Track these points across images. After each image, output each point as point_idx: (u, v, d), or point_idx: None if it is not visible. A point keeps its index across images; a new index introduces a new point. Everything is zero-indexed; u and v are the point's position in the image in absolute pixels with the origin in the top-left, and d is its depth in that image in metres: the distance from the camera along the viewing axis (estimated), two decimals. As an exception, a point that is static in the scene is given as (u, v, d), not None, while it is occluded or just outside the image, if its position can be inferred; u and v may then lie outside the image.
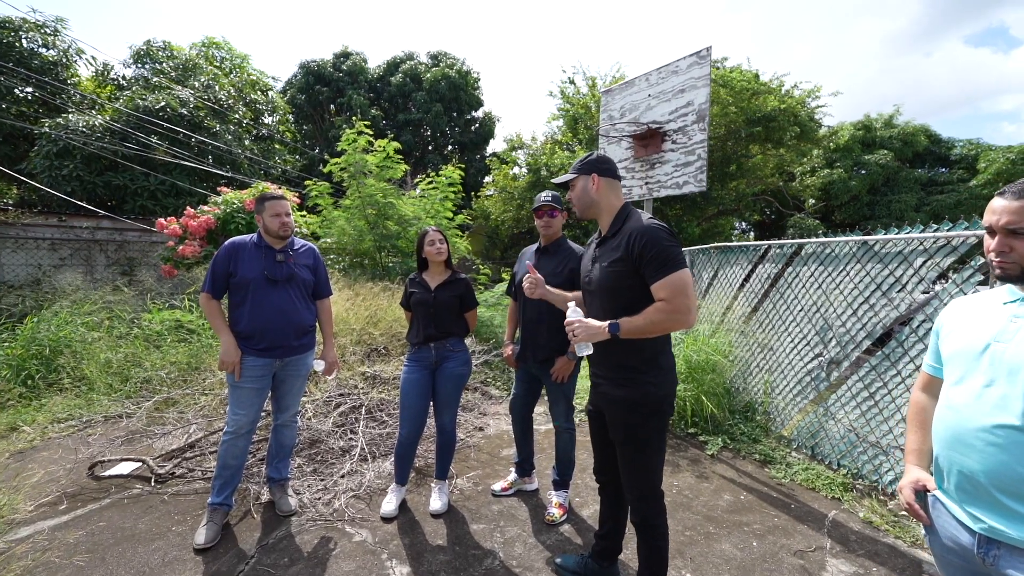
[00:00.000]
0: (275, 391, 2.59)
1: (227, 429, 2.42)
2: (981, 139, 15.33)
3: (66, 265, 7.53)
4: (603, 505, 2.07)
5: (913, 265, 2.91)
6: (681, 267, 1.57)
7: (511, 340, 2.80)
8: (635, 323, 1.59)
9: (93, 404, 4.04)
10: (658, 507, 1.78)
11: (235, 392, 2.41)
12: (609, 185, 1.79)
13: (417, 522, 2.56)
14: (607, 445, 1.91)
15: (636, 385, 1.70)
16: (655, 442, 1.73)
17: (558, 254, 2.54)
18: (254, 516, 2.58)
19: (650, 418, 1.70)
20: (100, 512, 2.58)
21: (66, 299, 5.39)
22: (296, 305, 2.48)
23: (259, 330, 2.38)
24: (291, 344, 2.47)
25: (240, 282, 2.38)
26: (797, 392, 3.68)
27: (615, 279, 1.69)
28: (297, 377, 2.60)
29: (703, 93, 3.98)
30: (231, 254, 2.40)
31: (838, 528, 2.65)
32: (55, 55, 9.86)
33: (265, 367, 2.43)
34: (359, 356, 4.17)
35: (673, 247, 1.59)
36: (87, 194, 8.71)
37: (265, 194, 2.51)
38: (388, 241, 7.19)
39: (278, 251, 2.48)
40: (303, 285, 2.55)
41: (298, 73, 20.07)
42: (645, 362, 1.69)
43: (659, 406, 1.70)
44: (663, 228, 1.62)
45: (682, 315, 1.56)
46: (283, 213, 2.46)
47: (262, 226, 2.47)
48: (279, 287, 2.44)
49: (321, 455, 3.16)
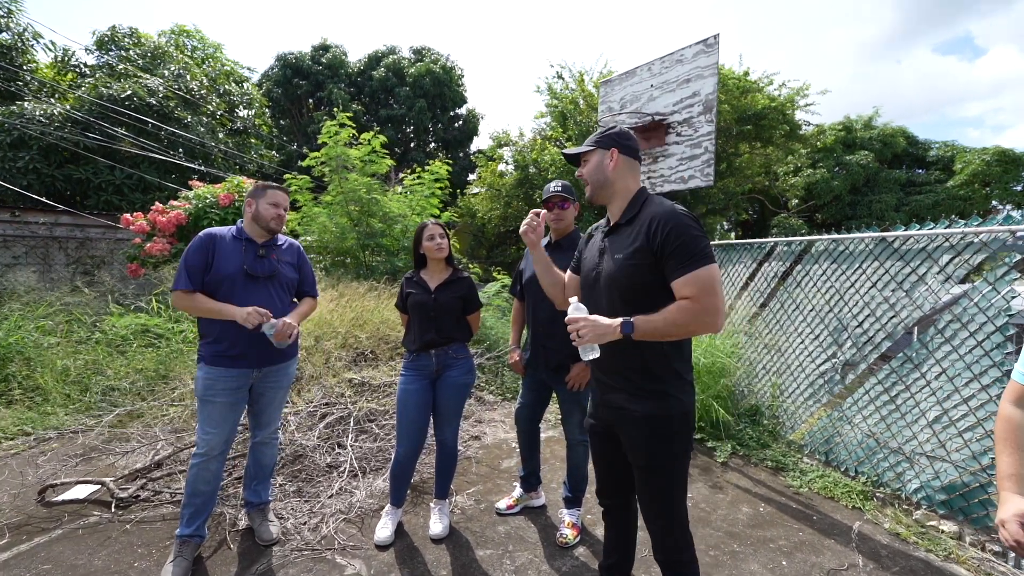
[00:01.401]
0: (252, 405, 2.30)
1: (196, 451, 2.10)
2: (956, 141, 15.75)
3: (20, 264, 6.95)
4: (609, 531, 1.80)
5: (939, 263, 2.77)
6: (710, 261, 1.36)
7: (517, 344, 2.54)
8: (652, 323, 1.36)
9: (47, 417, 3.64)
10: (685, 539, 1.54)
11: (206, 407, 2.10)
12: (628, 165, 1.55)
13: (416, 548, 2.29)
14: (615, 465, 1.67)
15: (659, 398, 1.46)
16: (681, 465, 1.50)
17: (571, 249, 2.29)
18: (230, 546, 2.27)
19: (677, 437, 1.47)
20: (49, 547, 2.24)
21: (18, 301, 4.92)
22: (278, 306, 2.20)
23: (235, 334, 2.09)
24: (271, 351, 2.18)
25: (215, 278, 2.09)
26: (809, 395, 3.53)
27: (632, 273, 1.44)
28: (278, 389, 2.31)
29: (710, 83, 3.80)
30: (207, 245, 2.10)
31: (866, 542, 2.49)
32: (9, 38, 9.16)
33: (240, 378, 2.14)
34: (345, 361, 3.87)
35: (701, 238, 1.38)
36: (45, 188, 8.10)
37: (267, 183, 2.28)
38: (372, 239, 6.86)
39: (261, 245, 2.20)
40: (286, 284, 2.28)
41: (275, 65, 19.39)
42: (667, 370, 1.47)
43: (686, 422, 1.48)
44: (690, 216, 1.40)
45: (709, 316, 1.34)
46: (282, 205, 2.23)
47: (252, 214, 2.19)
48: (260, 285, 2.16)
49: (306, 472, 2.86)
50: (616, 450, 1.61)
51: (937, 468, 2.68)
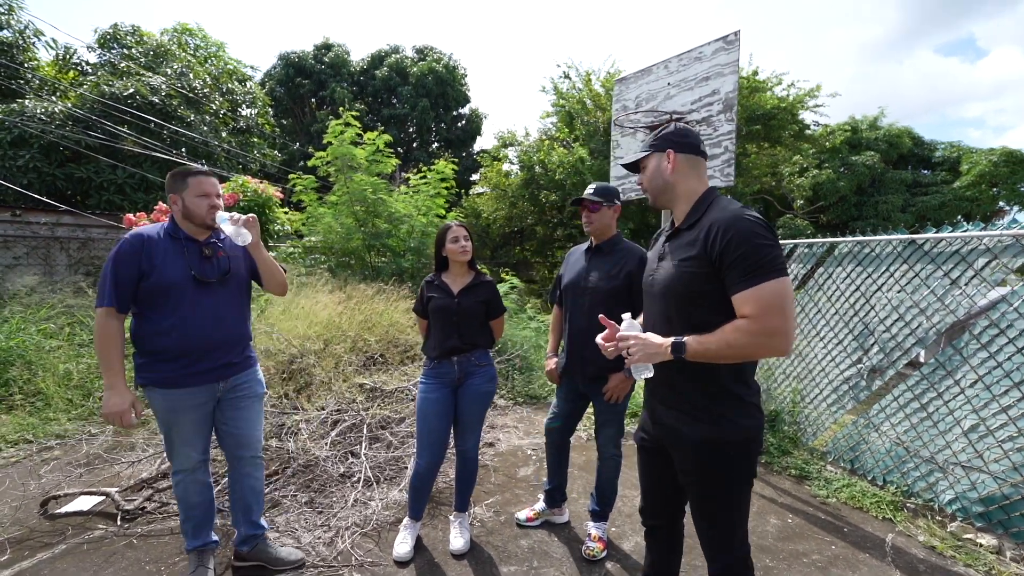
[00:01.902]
0: (226, 423, 1.98)
1: (176, 468, 1.90)
2: (961, 142, 15.67)
3: (20, 265, 6.84)
4: (651, 555, 1.67)
5: (974, 266, 2.68)
6: (777, 275, 1.18)
7: (554, 352, 2.44)
8: (706, 344, 1.23)
9: (49, 423, 3.54)
10: (745, 567, 1.42)
11: (172, 430, 1.86)
12: (690, 164, 1.42)
13: (437, 565, 2.20)
14: (663, 483, 1.55)
15: (714, 421, 1.33)
16: (740, 490, 1.37)
17: (613, 254, 2.19)
18: (236, 567, 2.17)
19: (734, 463, 1.33)
20: (52, 564, 2.14)
21: (19, 303, 4.82)
22: (236, 312, 1.96)
23: (194, 348, 1.81)
24: (234, 360, 1.94)
25: (157, 286, 1.76)
26: (833, 401, 3.43)
27: (686, 282, 1.32)
28: (252, 397, 2.03)
29: (731, 81, 3.71)
30: (138, 250, 1.76)
31: (901, 555, 2.40)
32: (10, 36, 9.05)
33: (206, 393, 1.88)
34: (356, 366, 3.77)
35: (767, 246, 1.20)
36: (46, 187, 7.99)
37: (188, 167, 1.92)
38: (378, 240, 6.76)
39: (204, 244, 1.90)
40: (240, 285, 2.00)
41: (278, 65, 19.34)
42: (723, 391, 1.33)
43: (745, 447, 1.34)
44: (757, 221, 1.24)
45: (772, 339, 1.18)
46: (213, 193, 1.88)
47: (180, 210, 1.85)
48: (212, 291, 1.86)
49: (318, 483, 2.76)
50: (666, 467, 1.49)
51: (974, 479, 2.59)
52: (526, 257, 12.58)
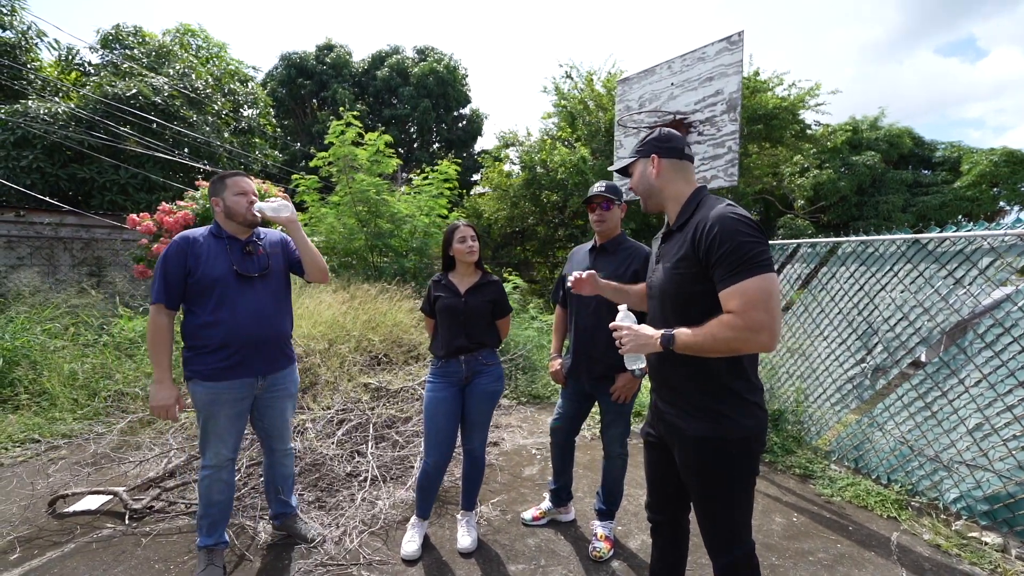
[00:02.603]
0: (261, 421, 2.14)
1: (205, 463, 1.98)
2: (962, 142, 15.68)
3: (24, 265, 6.85)
4: (656, 551, 1.68)
5: (978, 265, 2.69)
6: (761, 271, 1.20)
7: (558, 352, 2.44)
8: (695, 337, 1.25)
9: (55, 423, 3.55)
10: (748, 565, 1.42)
11: (209, 423, 1.96)
12: (674, 168, 1.45)
13: (445, 563, 2.20)
14: (667, 479, 1.57)
15: (713, 419, 1.34)
16: (742, 488, 1.37)
17: (618, 253, 2.19)
18: (251, 559, 2.19)
19: (735, 461, 1.34)
20: (62, 562, 2.15)
21: (24, 303, 4.83)
22: (276, 307, 2.06)
23: (236, 340, 1.92)
24: (274, 356, 2.06)
25: (202, 282, 1.90)
26: (836, 400, 3.45)
27: (678, 284, 1.35)
28: (287, 396, 2.17)
29: (734, 81, 3.72)
30: (184, 249, 1.90)
31: (907, 554, 2.41)
32: (13, 37, 9.06)
33: (245, 388, 1.99)
34: (361, 366, 3.78)
35: (752, 243, 1.22)
36: (49, 187, 7.99)
37: (223, 172, 2.07)
38: (380, 240, 6.78)
39: (245, 242, 2.03)
40: (280, 281, 2.12)
41: (279, 65, 19.35)
42: (722, 389, 1.34)
43: (746, 446, 1.34)
44: (741, 219, 1.26)
45: (756, 335, 1.18)
46: (250, 191, 2.00)
47: (222, 211, 2.00)
48: (253, 286, 1.99)
49: (325, 481, 2.77)
50: (670, 464, 1.51)
51: (978, 477, 2.60)
52: (527, 257, 12.59)
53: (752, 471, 1.38)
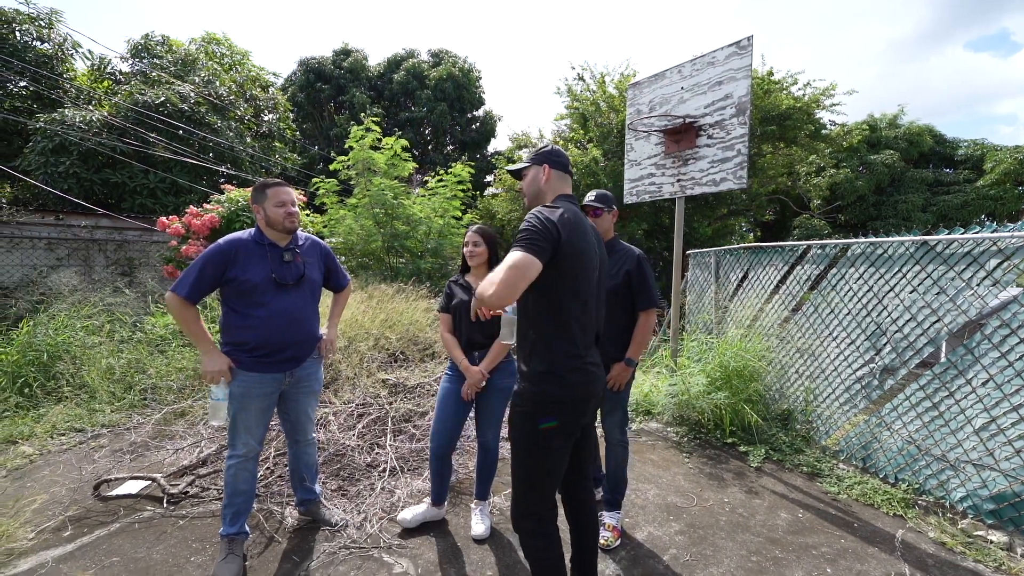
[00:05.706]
0: (287, 413, 2.31)
1: (233, 452, 2.12)
2: (986, 140, 15.27)
3: (63, 265, 7.23)
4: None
5: (985, 267, 2.72)
6: (516, 246, 1.43)
7: None
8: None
9: (95, 414, 3.79)
10: (526, 526, 1.62)
11: (241, 413, 2.10)
12: (558, 177, 1.72)
13: (460, 549, 2.33)
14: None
15: (516, 376, 1.70)
16: (525, 450, 1.59)
17: (612, 255, 2.37)
18: (279, 540, 2.35)
19: (522, 420, 1.58)
20: (109, 539, 2.34)
21: (64, 301, 5.12)
22: (307, 312, 2.21)
23: (270, 342, 2.08)
24: (303, 356, 2.22)
25: (244, 287, 2.03)
26: (845, 400, 3.48)
27: None
28: (311, 393, 2.34)
29: (743, 85, 3.79)
30: (229, 254, 2.02)
31: (911, 551, 2.45)
32: (50, 48, 9.51)
33: (275, 383, 2.15)
34: (379, 362, 3.94)
35: (528, 229, 1.45)
36: (84, 192, 8.38)
37: (266, 180, 2.17)
38: (397, 241, 6.96)
39: (284, 249, 2.16)
40: (314, 288, 2.27)
41: (298, 71, 19.79)
42: (525, 355, 1.60)
43: (530, 408, 1.54)
44: (538, 214, 1.49)
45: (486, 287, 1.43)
46: (289, 202, 2.12)
47: (263, 219, 2.13)
48: (289, 292, 2.13)
49: (346, 471, 2.93)
50: None
51: (985, 477, 2.63)
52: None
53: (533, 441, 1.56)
